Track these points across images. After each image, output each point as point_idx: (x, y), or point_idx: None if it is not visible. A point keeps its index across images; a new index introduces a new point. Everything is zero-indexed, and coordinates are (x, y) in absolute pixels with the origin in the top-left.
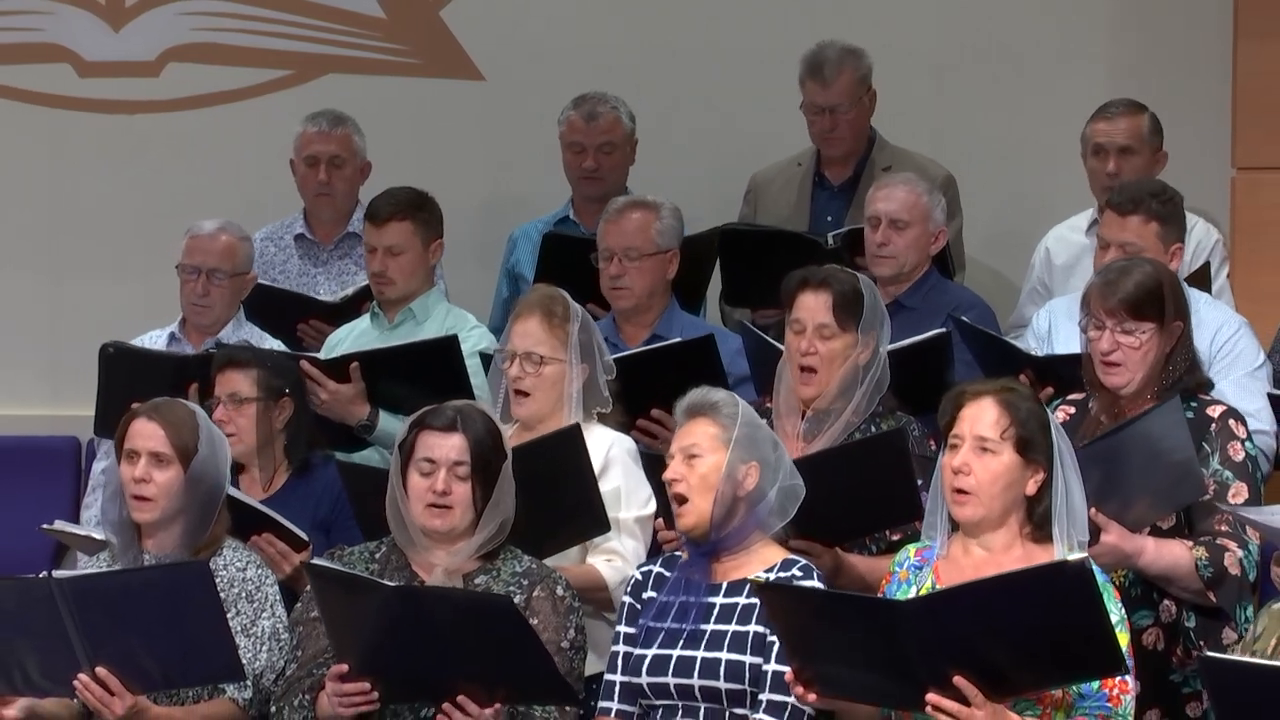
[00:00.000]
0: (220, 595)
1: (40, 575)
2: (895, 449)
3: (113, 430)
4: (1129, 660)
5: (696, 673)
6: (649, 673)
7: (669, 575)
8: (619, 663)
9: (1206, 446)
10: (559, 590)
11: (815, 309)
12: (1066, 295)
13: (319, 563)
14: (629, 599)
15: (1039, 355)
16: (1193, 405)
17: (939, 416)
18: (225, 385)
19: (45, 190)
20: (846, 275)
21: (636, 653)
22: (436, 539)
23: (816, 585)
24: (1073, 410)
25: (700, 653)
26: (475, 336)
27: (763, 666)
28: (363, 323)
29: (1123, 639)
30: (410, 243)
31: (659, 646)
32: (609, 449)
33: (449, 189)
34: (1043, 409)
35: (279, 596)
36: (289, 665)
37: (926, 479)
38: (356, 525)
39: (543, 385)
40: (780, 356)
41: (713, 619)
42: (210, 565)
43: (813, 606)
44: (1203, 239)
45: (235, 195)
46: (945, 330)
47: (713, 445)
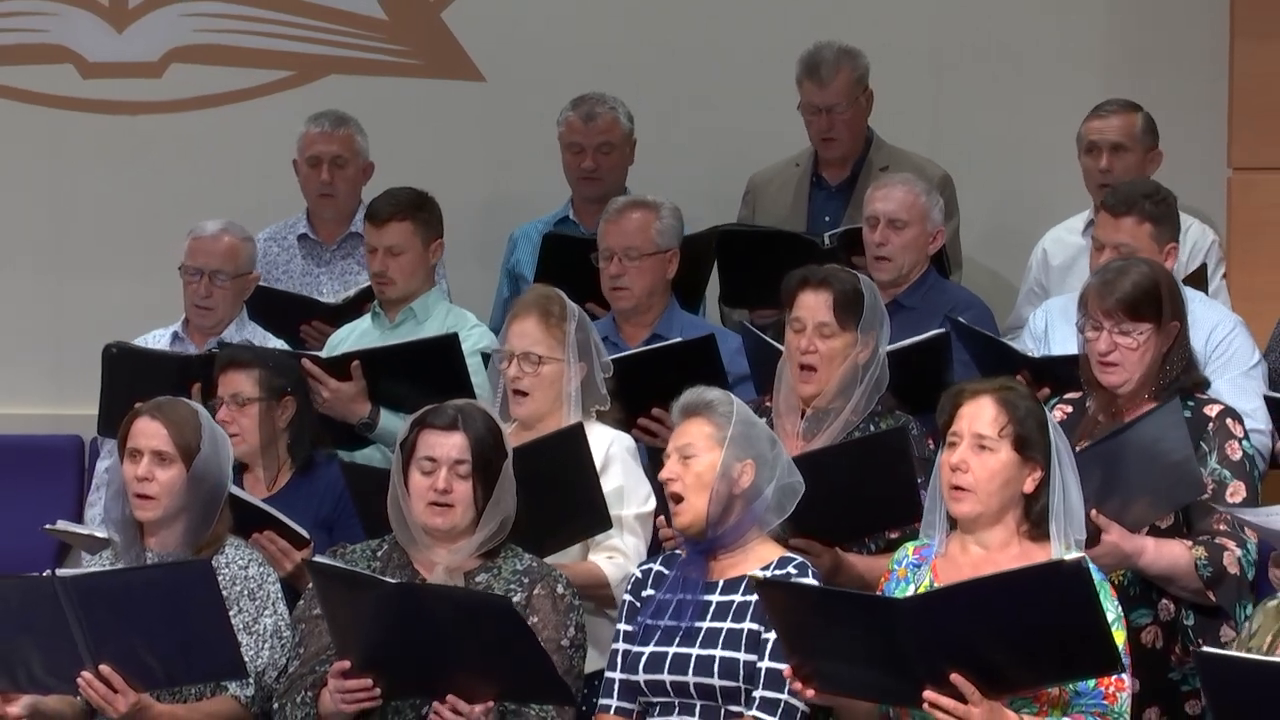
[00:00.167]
0: (222, 593)
1: (44, 574)
2: (895, 449)
3: (115, 430)
4: (1125, 659)
5: (691, 670)
6: (646, 670)
7: (669, 573)
8: (618, 660)
9: (1204, 446)
10: (559, 588)
11: (815, 308)
12: (1063, 295)
13: (320, 560)
14: (629, 597)
15: (1035, 356)
16: (1190, 404)
17: (937, 415)
18: (228, 385)
19: (48, 191)
20: (847, 275)
21: (634, 650)
22: (438, 537)
23: (812, 583)
24: (1070, 409)
25: (695, 650)
26: (476, 335)
27: (757, 663)
28: (364, 322)
29: (1119, 637)
30: (410, 243)
31: (656, 644)
32: (609, 447)
33: (449, 189)
34: (1041, 408)
35: (281, 594)
36: (291, 662)
37: (925, 479)
38: (359, 523)
39: (541, 385)
40: (780, 356)
41: (708, 616)
42: (213, 563)
43: (811, 603)
44: (1199, 240)
45: (238, 196)
46: (944, 330)
47: (708, 444)
